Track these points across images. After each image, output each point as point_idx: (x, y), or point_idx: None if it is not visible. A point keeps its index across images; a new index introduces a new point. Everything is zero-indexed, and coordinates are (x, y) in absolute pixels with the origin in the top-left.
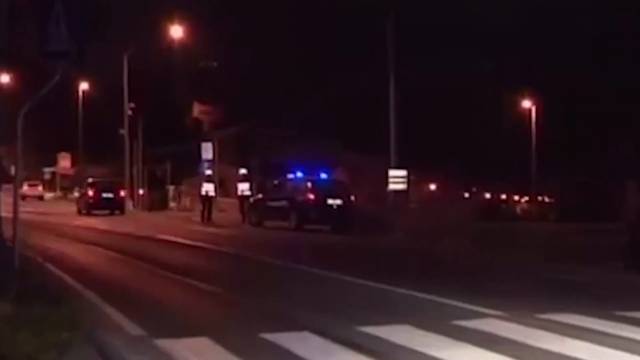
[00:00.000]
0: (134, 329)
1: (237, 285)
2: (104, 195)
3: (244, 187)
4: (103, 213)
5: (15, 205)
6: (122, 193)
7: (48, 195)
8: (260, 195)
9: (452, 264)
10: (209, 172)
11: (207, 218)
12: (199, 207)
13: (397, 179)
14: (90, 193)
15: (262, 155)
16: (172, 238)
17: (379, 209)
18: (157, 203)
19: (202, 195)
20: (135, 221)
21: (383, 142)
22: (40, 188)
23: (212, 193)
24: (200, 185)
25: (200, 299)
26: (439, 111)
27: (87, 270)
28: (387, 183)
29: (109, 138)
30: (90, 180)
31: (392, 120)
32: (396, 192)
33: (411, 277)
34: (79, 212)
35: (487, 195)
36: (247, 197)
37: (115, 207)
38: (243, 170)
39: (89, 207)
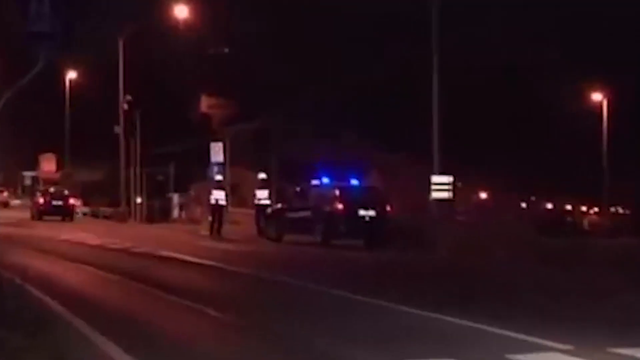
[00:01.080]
0: None
1: (254, 312)
2: (54, 202)
3: (262, 195)
4: (54, 219)
5: None
6: (72, 201)
7: (15, 202)
8: (279, 205)
9: (506, 287)
10: (219, 177)
11: (216, 231)
12: (207, 218)
13: (441, 186)
14: (41, 200)
15: (282, 156)
16: (176, 255)
17: (420, 221)
18: (159, 213)
19: (211, 205)
20: (132, 235)
21: (425, 142)
22: (5, 194)
23: (222, 202)
24: (208, 193)
25: (210, 328)
26: (490, 106)
27: (74, 293)
28: (429, 190)
29: (102, 137)
30: (41, 188)
31: (435, 115)
32: (440, 201)
33: (458, 303)
34: (32, 218)
35: (549, 206)
36: (265, 206)
37: (64, 214)
38: (262, 175)
39: (39, 213)
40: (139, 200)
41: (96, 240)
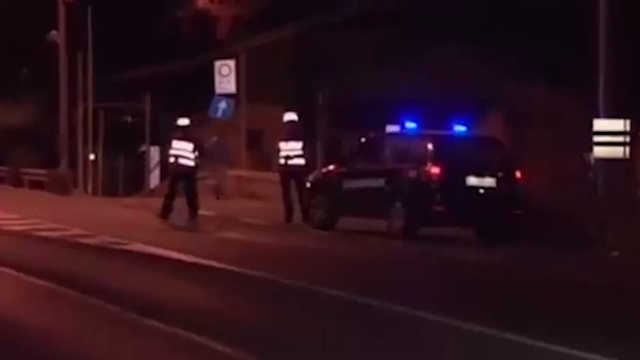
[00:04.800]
0: None
1: (296, 350)
2: None
3: (290, 149)
4: None
5: None
6: None
7: None
8: (331, 167)
9: None
10: (183, 121)
11: (192, 212)
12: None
13: (609, 137)
14: None
15: (335, 87)
16: (155, 250)
17: (574, 197)
18: (125, 179)
19: (170, 165)
20: (81, 215)
21: (584, 65)
22: None
23: (187, 160)
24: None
25: None
26: None
27: None
28: (589, 145)
29: (27, 51)
30: None
31: (603, 23)
32: (609, 162)
33: None
34: None
35: None
36: (298, 169)
37: None
38: (290, 116)
39: None
40: (92, 157)
41: (22, 225)
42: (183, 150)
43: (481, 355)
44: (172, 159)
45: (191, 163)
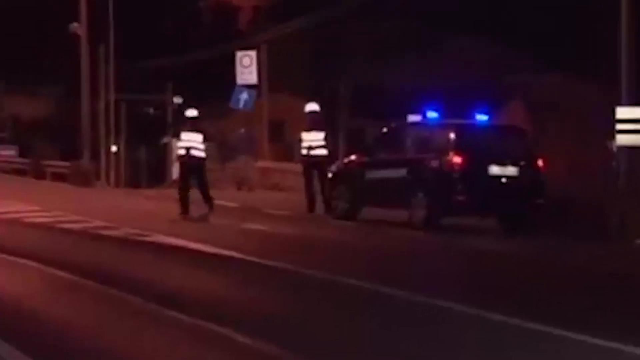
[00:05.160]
0: None
1: (317, 341)
2: None
3: (312, 140)
4: None
5: None
6: None
7: None
8: (352, 158)
9: None
10: (192, 112)
11: (209, 205)
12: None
13: (632, 124)
14: None
15: (357, 77)
16: (177, 241)
17: (596, 187)
18: (148, 171)
19: (179, 157)
20: (104, 208)
21: (606, 52)
22: None
23: (198, 152)
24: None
25: None
26: None
27: (14, 312)
28: (612, 133)
29: (49, 43)
30: None
31: (625, 11)
32: (631, 150)
33: None
34: None
35: None
36: (321, 159)
37: None
38: (312, 106)
39: None
40: (114, 149)
41: (44, 217)
42: (194, 142)
43: (503, 344)
44: (182, 151)
45: (202, 154)
